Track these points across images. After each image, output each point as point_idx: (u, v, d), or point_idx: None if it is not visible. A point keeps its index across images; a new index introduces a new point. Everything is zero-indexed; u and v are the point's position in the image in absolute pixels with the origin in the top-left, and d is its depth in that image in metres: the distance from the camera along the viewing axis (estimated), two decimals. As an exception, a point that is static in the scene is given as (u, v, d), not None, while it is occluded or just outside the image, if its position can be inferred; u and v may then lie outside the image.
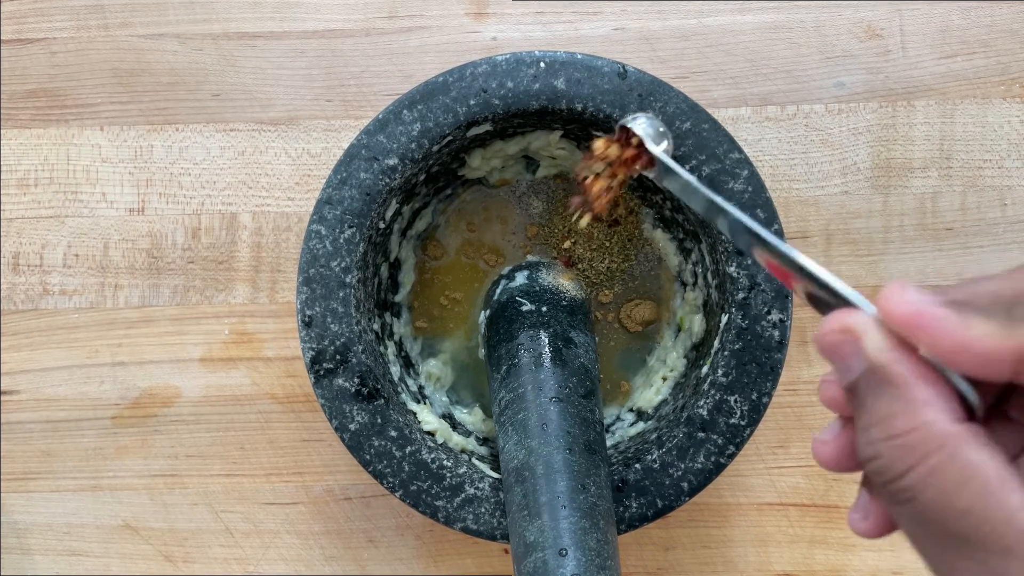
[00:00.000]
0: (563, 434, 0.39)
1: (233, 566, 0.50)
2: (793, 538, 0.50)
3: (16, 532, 0.51)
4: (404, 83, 0.51)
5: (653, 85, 0.41)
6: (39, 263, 0.51)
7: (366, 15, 0.52)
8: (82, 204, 0.51)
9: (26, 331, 0.51)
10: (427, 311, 0.49)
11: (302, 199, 0.51)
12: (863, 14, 0.51)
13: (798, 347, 0.50)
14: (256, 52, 0.52)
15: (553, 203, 0.49)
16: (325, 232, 0.41)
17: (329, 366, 0.41)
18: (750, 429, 0.40)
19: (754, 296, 0.41)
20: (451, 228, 0.49)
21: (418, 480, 0.40)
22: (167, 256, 0.51)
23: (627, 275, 0.49)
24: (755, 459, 0.50)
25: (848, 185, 0.51)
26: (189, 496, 0.51)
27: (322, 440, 0.51)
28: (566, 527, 0.36)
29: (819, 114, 0.51)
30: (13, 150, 0.52)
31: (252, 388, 0.51)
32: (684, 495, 0.40)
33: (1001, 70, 0.51)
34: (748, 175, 0.41)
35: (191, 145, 0.51)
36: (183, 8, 0.52)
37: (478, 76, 0.42)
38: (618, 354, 0.49)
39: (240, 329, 0.51)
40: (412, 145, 0.42)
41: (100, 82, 0.52)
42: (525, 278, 0.46)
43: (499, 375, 0.43)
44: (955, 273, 0.50)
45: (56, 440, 0.51)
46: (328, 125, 0.51)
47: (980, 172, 0.51)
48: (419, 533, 0.50)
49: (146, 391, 0.51)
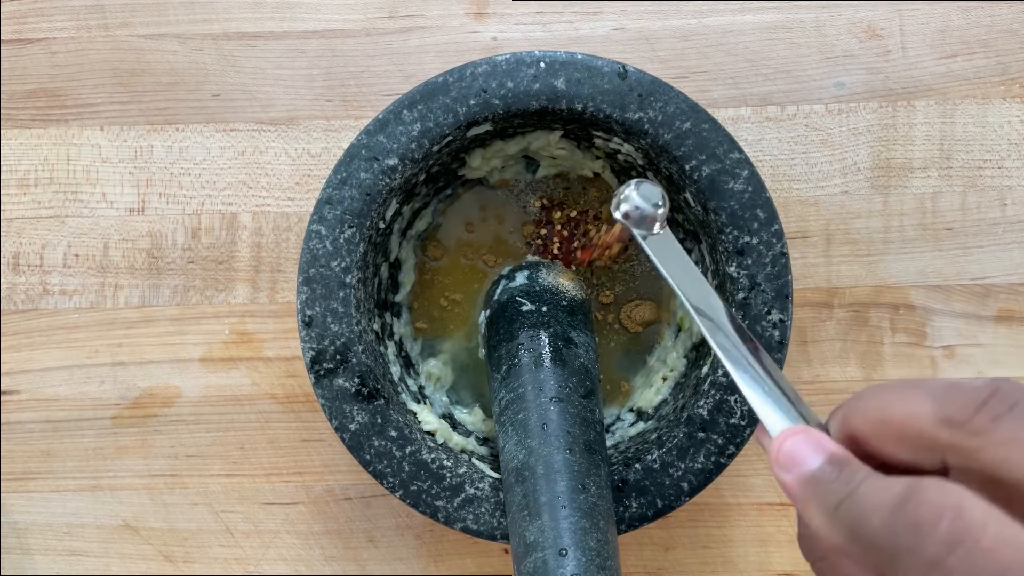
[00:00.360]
0: (563, 434, 0.39)
1: (233, 566, 0.50)
2: (793, 538, 0.50)
3: (16, 532, 0.51)
4: (404, 83, 0.51)
5: (653, 85, 0.41)
6: (39, 263, 0.51)
7: (366, 15, 0.52)
8: (82, 204, 0.51)
9: (26, 331, 0.51)
10: (427, 312, 0.49)
11: (302, 199, 0.51)
12: (863, 14, 0.51)
13: (798, 347, 0.50)
14: (256, 52, 0.52)
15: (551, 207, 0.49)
16: (325, 232, 0.41)
17: (329, 366, 0.41)
18: (750, 429, 0.40)
19: (754, 296, 0.41)
20: (451, 228, 0.49)
21: (418, 480, 0.40)
22: (167, 256, 0.51)
23: (628, 275, 0.49)
24: (755, 459, 0.50)
25: (848, 185, 0.51)
26: (189, 496, 0.51)
27: (322, 440, 0.51)
28: (566, 527, 0.36)
29: (819, 114, 0.51)
30: (13, 150, 0.52)
31: (252, 388, 0.51)
32: (684, 495, 0.40)
33: (1001, 70, 0.51)
34: (748, 175, 0.41)
35: (191, 145, 0.51)
36: (183, 8, 0.52)
37: (478, 76, 0.42)
38: (618, 354, 0.49)
39: (240, 329, 0.51)
40: (412, 145, 0.42)
41: (100, 82, 0.52)
42: (525, 278, 0.46)
43: (499, 375, 0.43)
44: (955, 273, 0.50)
45: (56, 440, 0.51)
46: (328, 125, 0.51)
47: (980, 172, 0.51)
48: (419, 533, 0.50)
49: (146, 391, 0.51)
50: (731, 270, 0.41)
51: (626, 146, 0.43)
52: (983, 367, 0.50)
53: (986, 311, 0.50)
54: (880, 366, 0.50)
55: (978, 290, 0.50)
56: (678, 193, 0.43)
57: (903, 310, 0.50)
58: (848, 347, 0.50)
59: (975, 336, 0.50)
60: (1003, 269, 0.50)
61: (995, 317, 0.50)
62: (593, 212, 0.49)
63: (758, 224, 0.41)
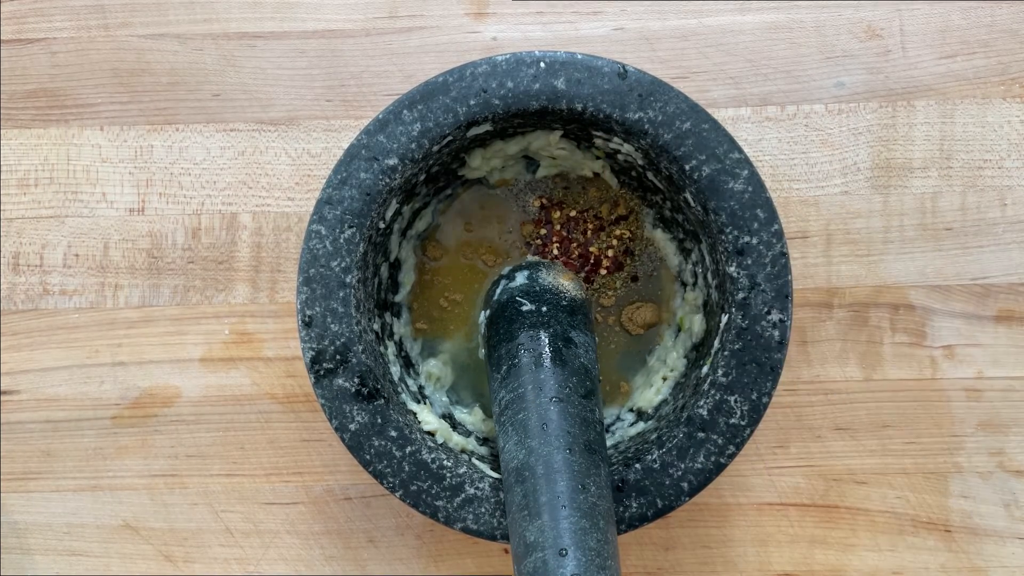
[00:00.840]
0: (563, 434, 0.39)
1: (233, 566, 0.50)
2: (793, 538, 0.50)
3: (16, 532, 0.51)
4: (404, 83, 0.51)
5: (653, 85, 0.41)
6: (39, 263, 0.51)
7: (366, 15, 0.52)
8: (82, 204, 0.51)
9: (26, 331, 0.51)
10: (427, 313, 0.49)
11: (302, 199, 0.51)
12: (863, 14, 0.51)
13: (798, 347, 0.50)
14: (256, 52, 0.52)
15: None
16: (325, 232, 0.41)
17: (329, 366, 0.41)
18: (750, 429, 0.40)
19: (754, 296, 0.41)
20: (451, 228, 0.49)
21: (418, 480, 0.40)
22: (167, 256, 0.51)
23: (628, 277, 0.49)
24: (755, 459, 0.50)
25: (848, 185, 0.51)
26: (189, 496, 0.51)
27: (322, 440, 0.51)
28: (566, 527, 0.36)
29: (819, 114, 0.51)
30: (13, 150, 0.52)
31: (252, 388, 0.51)
32: (684, 495, 0.40)
33: (1001, 70, 0.51)
34: (748, 175, 0.41)
35: (191, 145, 0.51)
36: (183, 8, 0.52)
37: (478, 76, 0.42)
38: (618, 356, 0.49)
39: (240, 329, 0.51)
40: (412, 145, 0.42)
41: (100, 82, 0.52)
42: (525, 278, 0.46)
43: (499, 375, 0.43)
44: (955, 273, 0.50)
45: (56, 440, 0.51)
46: (328, 125, 0.51)
47: (980, 172, 0.51)
48: (419, 533, 0.50)
49: (146, 391, 0.51)
50: (731, 270, 0.41)
51: (626, 146, 0.43)
52: (983, 367, 0.50)
53: (986, 311, 0.50)
54: (880, 366, 0.50)
55: (978, 290, 0.50)
56: (678, 193, 0.43)
57: (903, 310, 0.50)
58: (848, 347, 0.50)
59: (975, 336, 0.50)
60: (1003, 269, 0.50)
61: (995, 317, 0.50)
62: (593, 212, 0.49)
63: (758, 224, 0.41)
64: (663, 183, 0.44)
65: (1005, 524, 0.50)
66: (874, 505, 0.50)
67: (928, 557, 0.50)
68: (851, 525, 0.50)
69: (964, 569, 0.50)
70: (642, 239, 0.49)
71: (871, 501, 0.50)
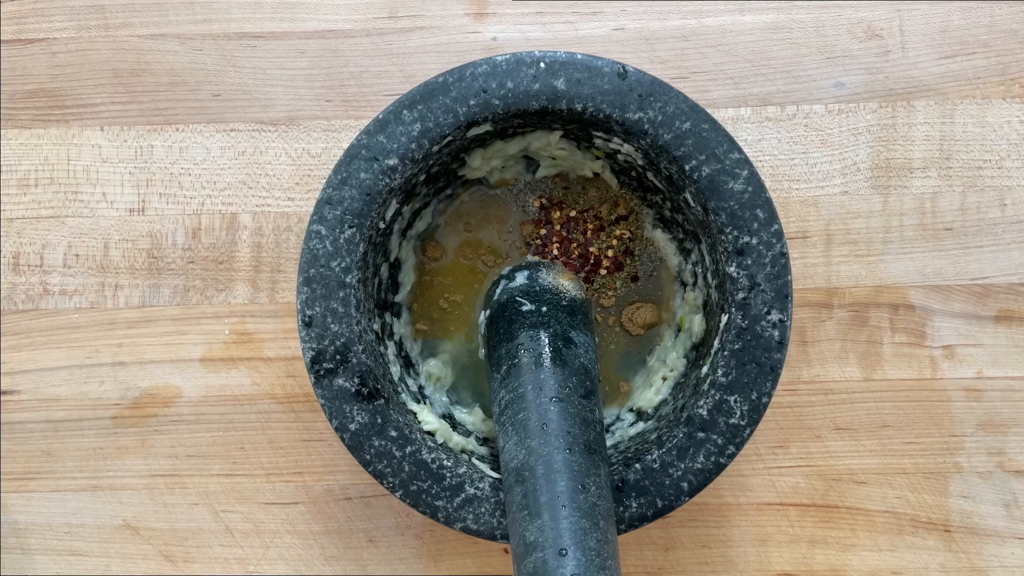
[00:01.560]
0: (563, 434, 0.39)
1: (233, 566, 0.50)
2: (793, 538, 0.50)
3: (16, 532, 0.51)
4: (404, 83, 0.51)
5: (653, 85, 0.41)
6: (39, 263, 0.51)
7: (366, 15, 0.52)
8: (82, 204, 0.51)
9: (26, 331, 0.51)
10: (427, 314, 0.49)
11: (302, 199, 0.51)
12: (863, 14, 0.51)
13: (798, 347, 0.50)
14: (256, 52, 0.52)
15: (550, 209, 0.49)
16: (325, 232, 0.41)
17: (329, 366, 0.41)
18: (750, 429, 0.40)
19: (754, 296, 0.41)
20: (450, 229, 0.49)
21: (418, 480, 0.40)
22: (167, 256, 0.51)
23: (628, 277, 0.49)
24: (755, 459, 0.50)
25: (848, 185, 0.51)
26: (189, 496, 0.51)
27: (322, 440, 0.51)
28: (566, 527, 0.36)
29: (819, 114, 0.51)
30: (13, 150, 0.52)
31: (252, 388, 0.51)
32: (684, 495, 0.40)
33: (1001, 70, 0.51)
34: (748, 175, 0.41)
35: (191, 145, 0.51)
36: (183, 8, 0.52)
37: (478, 76, 0.42)
38: (618, 356, 0.49)
39: (240, 329, 0.51)
40: (412, 145, 0.42)
41: (100, 82, 0.52)
42: (525, 278, 0.46)
43: (499, 375, 0.43)
44: (955, 273, 0.50)
45: (56, 440, 0.51)
46: (328, 125, 0.51)
47: (980, 172, 0.51)
48: (419, 533, 0.50)
49: (146, 391, 0.51)
50: (731, 270, 0.41)
51: (626, 146, 0.43)
52: (983, 367, 0.50)
53: (985, 311, 0.50)
54: (880, 366, 0.50)
55: (977, 290, 0.50)
56: (678, 193, 0.43)
57: (903, 310, 0.50)
58: (848, 347, 0.50)
59: (975, 336, 0.50)
60: (1003, 269, 0.50)
61: (994, 317, 0.50)
62: (593, 212, 0.49)
63: (758, 224, 0.41)
64: (663, 183, 0.44)
65: (1005, 524, 0.50)
66: (874, 505, 0.50)
67: (928, 557, 0.50)
68: (851, 525, 0.50)
69: (964, 569, 0.50)
70: (642, 239, 0.49)
71: (871, 501, 0.50)
